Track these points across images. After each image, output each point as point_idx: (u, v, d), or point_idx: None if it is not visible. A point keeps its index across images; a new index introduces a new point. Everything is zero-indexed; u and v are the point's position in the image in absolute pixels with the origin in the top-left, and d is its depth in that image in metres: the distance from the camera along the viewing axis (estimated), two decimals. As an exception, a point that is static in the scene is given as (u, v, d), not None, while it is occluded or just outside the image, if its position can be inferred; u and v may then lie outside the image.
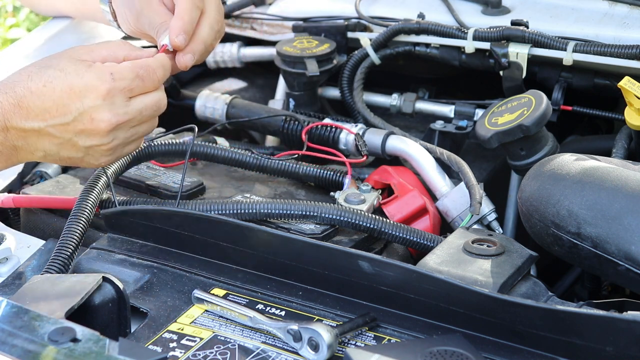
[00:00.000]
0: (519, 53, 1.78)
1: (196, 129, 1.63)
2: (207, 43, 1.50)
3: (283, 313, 1.31)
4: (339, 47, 1.95)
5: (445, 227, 1.62)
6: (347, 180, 1.63)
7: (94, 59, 1.36)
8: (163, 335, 1.27)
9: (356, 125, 1.76)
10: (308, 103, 1.93)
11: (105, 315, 1.24)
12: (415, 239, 1.47)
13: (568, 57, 1.75)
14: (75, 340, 1.09)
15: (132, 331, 1.28)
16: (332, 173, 1.65)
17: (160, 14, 1.51)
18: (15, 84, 1.33)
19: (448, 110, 1.90)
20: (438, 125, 1.82)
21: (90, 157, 1.37)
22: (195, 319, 1.30)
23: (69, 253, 1.37)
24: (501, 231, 1.62)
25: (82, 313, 1.21)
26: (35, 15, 4.53)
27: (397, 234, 1.47)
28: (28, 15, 4.60)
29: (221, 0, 2.12)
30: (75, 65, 1.34)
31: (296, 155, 1.69)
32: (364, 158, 1.67)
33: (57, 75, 1.33)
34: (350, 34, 1.97)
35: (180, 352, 1.23)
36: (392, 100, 1.96)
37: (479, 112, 1.86)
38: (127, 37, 1.97)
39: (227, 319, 1.30)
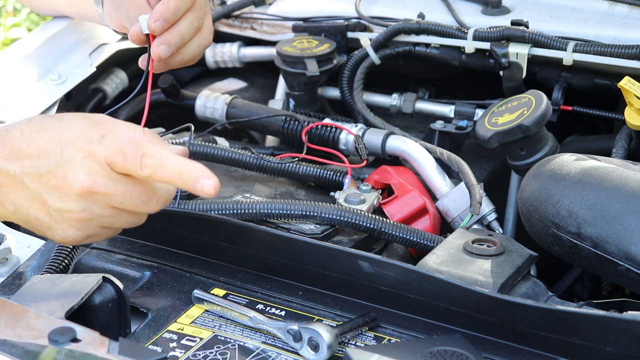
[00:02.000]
0: (519, 53, 1.78)
1: (192, 128, 1.62)
2: (184, 37, 1.42)
3: (283, 313, 1.31)
4: (339, 47, 1.95)
5: (445, 227, 1.62)
6: (347, 180, 1.63)
7: (111, 122, 1.20)
8: (163, 335, 1.27)
9: (356, 125, 1.76)
10: (308, 103, 1.93)
11: (105, 315, 1.24)
12: (415, 239, 1.47)
13: (568, 57, 1.75)
14: (75, 340, 1.09)
15: (132, 331, 1.28)
16: (332, 173, 1.65)
17: (138, 6, 1.45)
18: (14, 125, 1.20)
19: (448, 110, 1.90)
20: (438, 125, 1.82)
21: (58, 225, 1.18)
22: (195, 319, 1.30)
23: (69, 253, 1.37)
24: (501, 231, 1.62)
25: (82, 313, 1.21)
26: (36, 15, 4.53)
27: (397, 234, 1.47)
28: (29, 15, 4.60)
29: (221, 1, 2.13)
30: (80, 120, 1.19)
31: (297, 159, 1.69)
32: (364, 163, 1.67)
33: (54, 124, 1.18)
34: (350, 34, 1.96)
35: (180, 352, 1.23)
36: (392, 100, 1.96)
37: (479, 112, 1.85)
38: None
39: (227, 319, 1.30)
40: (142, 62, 1.46)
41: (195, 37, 1.46)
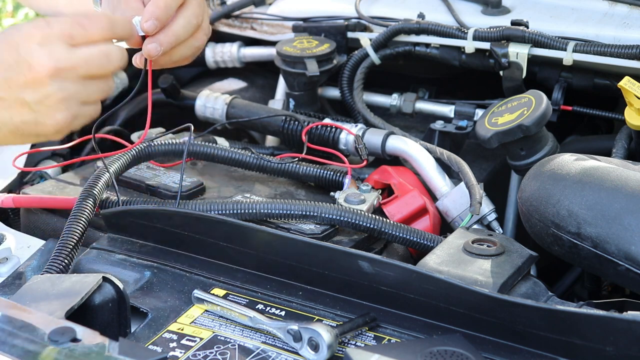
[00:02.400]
0: (519, 53, 1.78)
1: (192, 128, 1.62)
2: (179, 36, 1.43)
3: (283, 313, 1.31)
4: (339, 47, 1.95)
5: (445, 227, 1.62)
6: (347, 180, 1.63)
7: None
8: (163, 335, 1.27)
9: (356, 125, 1.76)
10: (308, 103, 1.93)
11: (105, 315, 1.24)
12: (415, 239, 1.47)
13: (568, 57, 1.75)
14: (75, 340, 1.09)
15: (132, 331, 1.28)
16: (332, 173, 1.65)
17: (133, 8, 1.44)
18: None
19: (448, 110, 1.90)
20: (438, 125, 1.82)
21: (44, 116, 1.28)
22: (195, 319, 1.30)
23: (68, 253, 1.37)
24: (501, 231, 1.62)
25: (82, 313, 1.21)
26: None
27: (397, 234, 1.47)
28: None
29: (221, 1, 2.13)
30: (21, 23, 1.29)
31: (297, 159, 1.69)
32: (364, 163, 1.67)
33: (5, 33, 1.27)
34: (350, 34, 1.97)
35: (180, 352, 1.23)
36: (392, 100, 1.96)
37: (479, 112, 1.86)
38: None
39: (227, 319, 1.30)
40: (135, 59, 1.46)
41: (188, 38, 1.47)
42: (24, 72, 1.24)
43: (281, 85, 2.05)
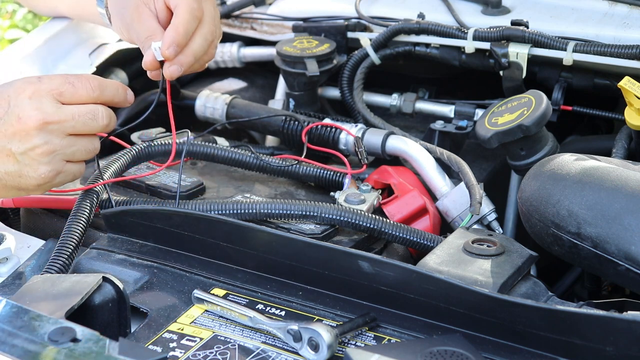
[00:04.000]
0: (519, 53, 1.78)
1: (189, 133, 1.63)
2: (197, 55, 1.49)
3: (283, 313, 1.31)
4: (339, 47, 1.95)
5: (445, 227, 1.62)
6: (347, 180, 1.63)
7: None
8: (163, 335, 1.27)
9: (356, 126, 1.76)
10: (308, 103, 1.93)
11: (105, 315, 1.24)
12: (415, 239, 1.47)
13: (568, 57, 1.75)
14: (75, 340, 1.09)
15: (132, 331, 1.28)
16: (332, 173, 1.65)
17: (148, 28, 1.49)
18: None
19: (448, 110, 1.90)
20: (438, 125, 1.82)
21: (28, 167, 1.34)
22: (195, 319, 1.30)
23: (69, 253, 1.37)
24: (501, 231, 1.62)
25: (82, 313, 1.21)
26: (34, 16, 4.53)
27: (397, 234, 1.47)
28: (25, 16, 4.59)
29: (221, 1, 2.13)
30: (16, 80, 1.35)
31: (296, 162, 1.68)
32: (364, 168, 1.67)
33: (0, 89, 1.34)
34: (350, 34, 1.97)
35: (180, 352, 1.23)
36: (392, 100, 1.96)
37: (479, 112, 1.86)
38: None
39: (227, 319, 1.30)
40: (150, 74, 1.51)
41: None
42: (13, 123, 1.31)
43: (281, 85, 2.05)
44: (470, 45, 1.83)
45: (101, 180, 1.49)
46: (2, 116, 1.32)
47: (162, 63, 1.48)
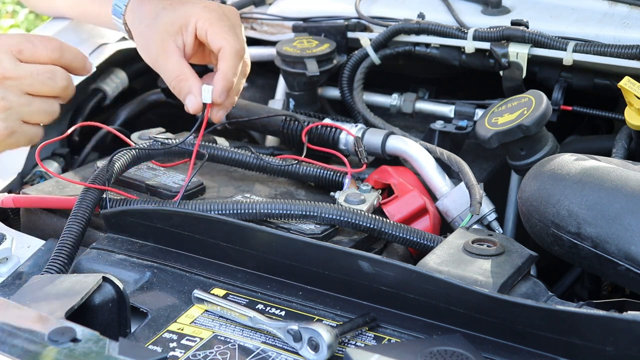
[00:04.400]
0: (519, 53, 1.78)
1: (189, 136, 1.64)
2: (239, 93, 1.55)
3: (283, 313, 1.31)
4: (339, 47, 1.95)
5: (445, 227, 1.62)
6: (347, 180, 1.63)
7: None
8: (163, 335, 1.27)
9: (356, 126, 1.76)
10: (308, 103, 1.93)
11: (105, 315, 1.24)
12: (415, 239, 1.47)
13: (568, 57, 1.75)
14: (75, 340, 1.09)
15: (132, 331, 1.28)
16: (332, 173, 1.65)
17: (175, 67, 1.50)
18: None
19: (448, 110, 1.90)
20: (438, 125, 1.82)
21: None
22: (195, 319, 1.30)
23: (68, 253, 1.37)
24: (501, 231, 1.62)
25: (82, 313, 1.21)
26: (35, 17, 4.53)
27: (397, 234, 1.47)
28: (27, 16, 4.60)
29: (221, 1, 2.13)
30: None
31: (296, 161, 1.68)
32: (364, 167, 1.67)
33: None
34: (350, 34, 1.97)
35: (180, 352, 1.23)
36: (392, 100, 1.96)
37: (479, 112, 1.86)
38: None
39: (227, 319, 1.30)
40: (187, 108, 1.54)
41: None
42: None
43: (281, 85, 2.05)
44: (470, 45, 1.83)
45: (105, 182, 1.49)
46: None
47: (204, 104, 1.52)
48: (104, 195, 1.51)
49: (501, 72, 1.82)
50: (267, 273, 1.37)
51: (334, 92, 1.98)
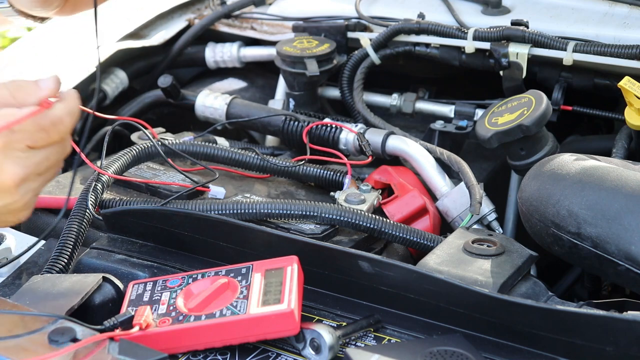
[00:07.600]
0: (519, 53, 1.78)
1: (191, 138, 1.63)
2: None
3: (283, 313, 1.30)
4: (339, 47, 1.95)
5: (445, 227, 1.62)
6: (347, 180, 1.63)
7: None
8: (163, 335, 1.27)
9: (356, 126, 1.76)
10: (308, 103, 1.93)
11: (105, 315, 1.24)
12: (415, 239, 1.47)
13: (568, 57, 1.75)
14: (75, 340, 1.09)
15: (132, 331, 1.28)
16: (332, 173, 1.65)
17: None
18: None
19: (448, 110, 1.90)
20: (438, 125, 1.82)
21: (7, 215, 1.22)
22: (195, 319, 1.30)
23: (69, 253, 1.37)
24: (501, 231, 1.62)
25: (82, 313, 1.21)
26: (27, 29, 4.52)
27: (397, 234, 1.47)
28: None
29: (221, 1, 2.13)
30: None
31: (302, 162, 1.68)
32: (369, 159, 1.66)
33: None
34: (350, 34, 1.97)
35: (180, 352, 1.23)
36: (392, 100, 1.96)
37: (479, 112, 1.86)
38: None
39: (227, 319, 1.30)
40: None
41: None
42: None
43: (281, 85, 2.05)
44: (470, 45, 1.83)
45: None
46: None
47: None
48: (105, 195, 1.50)
49: (501, 72, 1.82)
50: (267, 273, 1.37)
51: (334, 92, 1.98)
